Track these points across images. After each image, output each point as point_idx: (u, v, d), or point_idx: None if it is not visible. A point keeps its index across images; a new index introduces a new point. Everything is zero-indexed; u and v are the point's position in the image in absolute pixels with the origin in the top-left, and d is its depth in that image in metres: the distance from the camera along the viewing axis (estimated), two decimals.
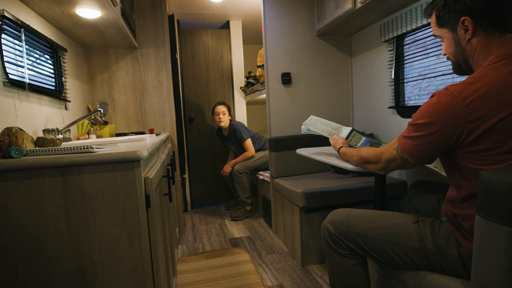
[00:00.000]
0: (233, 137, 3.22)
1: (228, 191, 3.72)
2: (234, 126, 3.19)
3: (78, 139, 1.95)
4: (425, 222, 1.01)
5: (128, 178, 0.90)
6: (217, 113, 3.17)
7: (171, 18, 2.71)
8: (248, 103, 3.80)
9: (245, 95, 3.59)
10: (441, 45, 1.84)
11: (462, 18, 0.90)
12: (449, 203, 0.97)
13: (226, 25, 3.63)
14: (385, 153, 1.05)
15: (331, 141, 1.52)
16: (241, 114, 3.65)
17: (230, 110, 3.23)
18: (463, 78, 0.89)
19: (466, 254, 0.90)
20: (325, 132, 1.60)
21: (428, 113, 0.88)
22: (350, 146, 1.48)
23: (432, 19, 1.00)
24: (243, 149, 3.23)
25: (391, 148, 1.03)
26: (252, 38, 4.14)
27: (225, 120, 3.17)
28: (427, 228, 0.99)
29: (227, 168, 3.25)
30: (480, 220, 0.73)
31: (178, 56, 3.11)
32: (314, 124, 1.65)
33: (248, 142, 3.17)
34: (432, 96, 0.91)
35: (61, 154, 0.87)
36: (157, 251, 1.03)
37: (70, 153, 0.87)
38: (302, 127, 1.64)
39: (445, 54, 1.01)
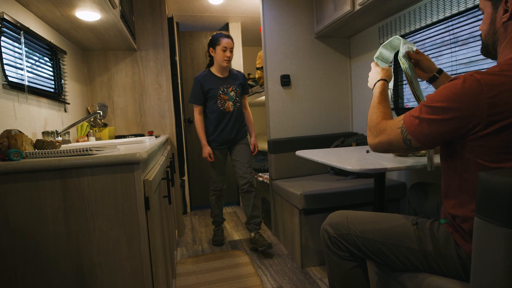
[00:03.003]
0: (235, 81, 2.44)
1: (228, 193, 3.71)
2: (235, 70, 2.52)
3: (77, 141, 1.95)
4: (424, 224, 1.01)
5: (128, 181, 0.90)
6: (225, 48, 2.28)
7: (170, 20, 2.72)
8: None
9: None
10: (439, 47, 1.85)
11: None
12: (447, 203, 0.97)
13: (225, 27, 3.64)
14: (387, 131, 0.96)
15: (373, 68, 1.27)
16: None
17: None
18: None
19: (465, 256, 0.90)
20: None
21: (449, 96, 0.81)
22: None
23: None
24: (239, 103, 2.45)
25: (395, 127, 0.94)
26: (251, 40, 4.15)
27: (231, 60, 2.38)
28: (426, 230, 0.99)
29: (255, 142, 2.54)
30: (479, 221, 0.73)
31: (177, 58, 3.11)
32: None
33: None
34: (452, 79, 0.84)
35: (60, 156, 0.87)
36: (156, 253, 1.03)
37: (69, 156, 0.87)
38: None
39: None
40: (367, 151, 1.70)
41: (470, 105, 0.78)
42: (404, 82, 2.16)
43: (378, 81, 1.18)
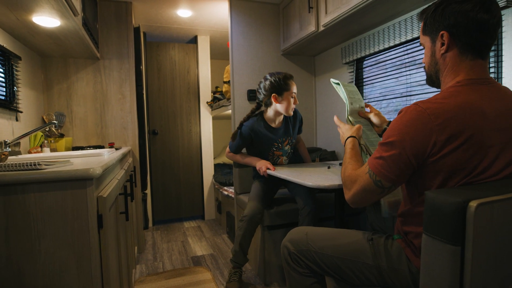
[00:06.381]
0: (291, 129, 2.00)
1: (191, 206, 3.63)
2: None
3: (29, 152, 1.83)
4: (378, 240, 1.04)
5: (79, 198, 0.85)
6: (294, 94, 1.88)
7: (137, 30, 2.67)
8: (214, 118, 3.79)
9: (211, 110, 3.58)
10: (397, 69, 1.96)
11: (442, 32, 0.92)
12: (401, 219, 1.01)
13: (194, 40, 3.63)
14: (358, 180, 0.97)
15: (341, 126, 1.32)
16: (207, 129, 3.62)
17: None
18: (415, 99, 0.93)
19: (416, 271, 0.94)
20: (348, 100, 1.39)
21: (400, 130, 0.87)
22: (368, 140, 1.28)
23: (422, 25, 1.01)
24: (293, 150, 2.10)
25: (363, 173, 0.95)
26: (220, 53, 4.17)
27: None
28: (380, 245, 1.02)
29: None
30: (427, 238, 0.77)
31: (143, 68, 3.04)
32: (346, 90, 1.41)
33: None
34: (400, 113, 0.90)
35: (3, 171, 0.81)
36: (109, 273, 0.98)
37: (14, 171, 0.81)
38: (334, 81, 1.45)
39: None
40: (328, 167, 1.75)
41: (422, 134, 0.83)
42: (365, 101, 2.25)
43: (348, 138, 1.21)
